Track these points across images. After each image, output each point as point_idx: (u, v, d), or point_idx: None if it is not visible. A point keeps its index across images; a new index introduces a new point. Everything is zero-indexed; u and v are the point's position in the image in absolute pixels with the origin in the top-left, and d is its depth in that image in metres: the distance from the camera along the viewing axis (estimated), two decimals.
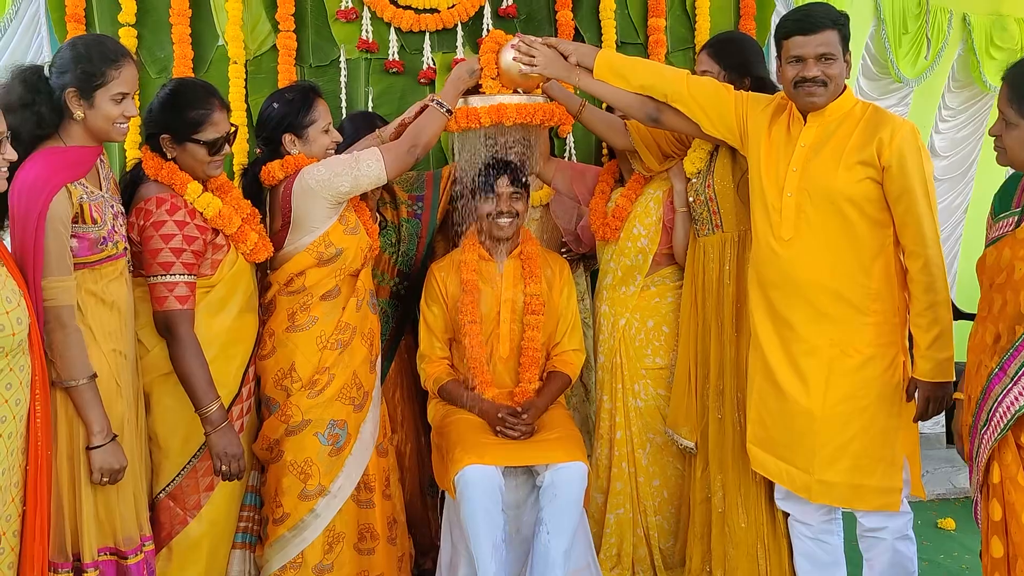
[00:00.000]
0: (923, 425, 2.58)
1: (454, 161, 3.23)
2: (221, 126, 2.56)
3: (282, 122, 2.76)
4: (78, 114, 2.30)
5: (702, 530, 3.07)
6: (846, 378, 2.56)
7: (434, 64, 3.59)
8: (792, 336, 2.61)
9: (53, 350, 2.18)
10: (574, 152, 3.71)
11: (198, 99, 2.53)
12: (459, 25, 3.59)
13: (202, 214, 2.53)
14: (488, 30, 3.55)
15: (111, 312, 2.35)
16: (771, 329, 2.66)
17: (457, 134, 2.93)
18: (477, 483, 2.73)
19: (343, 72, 3.54)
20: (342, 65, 3.54)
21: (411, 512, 3.21)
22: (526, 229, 3.21)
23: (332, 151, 2.82)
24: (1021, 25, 4.72)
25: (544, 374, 3.13)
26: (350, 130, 3.16)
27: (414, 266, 3.30)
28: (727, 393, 2.95)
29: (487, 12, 3.61)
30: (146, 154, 2.55)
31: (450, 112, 2.81)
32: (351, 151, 2.83)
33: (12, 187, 2.17)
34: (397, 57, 3.56)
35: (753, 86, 2.89)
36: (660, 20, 3.70)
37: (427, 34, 3.58)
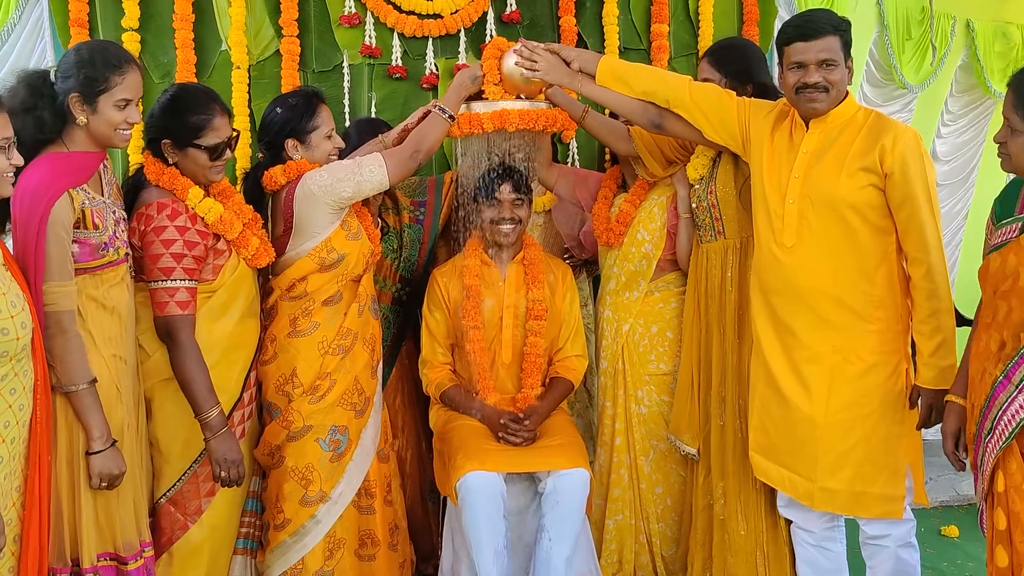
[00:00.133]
0: (927, 432, 2.57)
1: (456, 167, 3.24)
2: (222, 131, 2.55)
3: (285, 127, 2.76)
4: (81, 119, 2.30)
5: (704, 537, 3.06)
6: (849, 385, 2.55)
7: (437, 70, 3.58)
8: (794, 343, 2.61)
9: (53, 355, 2.18)
10: (577, 158, 3.70)
11: (199, 104, 2.53)
12: (462, 31, 3.59)
13: (203, 219, 2.53)
14: (491, 36, 3.55)
15: (111, 317, 2.35)
16: (773, 336, 2.65)
17: (460, 140, 2.94)
18: (479, 490, 2.73)
19: (346, 77, 3.54)
20: (345, 70, 3.54)
21: (412, 518, 3.21)
22: (528, 234, 3.20)
23: (335, 157, 2.82)
24: (1022, 31, 4.71)
25: (547, 380, 3.13)
26: (355, 136, 3.16)
27: (416, 272, 3.30)
28: (729, 400, 2.94)
29: (490, 18, 3.61)
30: (148, 159, 2.55)
31: (453, 118, 2.80)
32: (353, 156, 2.83)
33: (14, 191, 2.16)
34: (400, 62, 3.56)
35: (756, 93, 2.87)
36: (663, 26, 3.69)
37: (430, 39, 3.57)
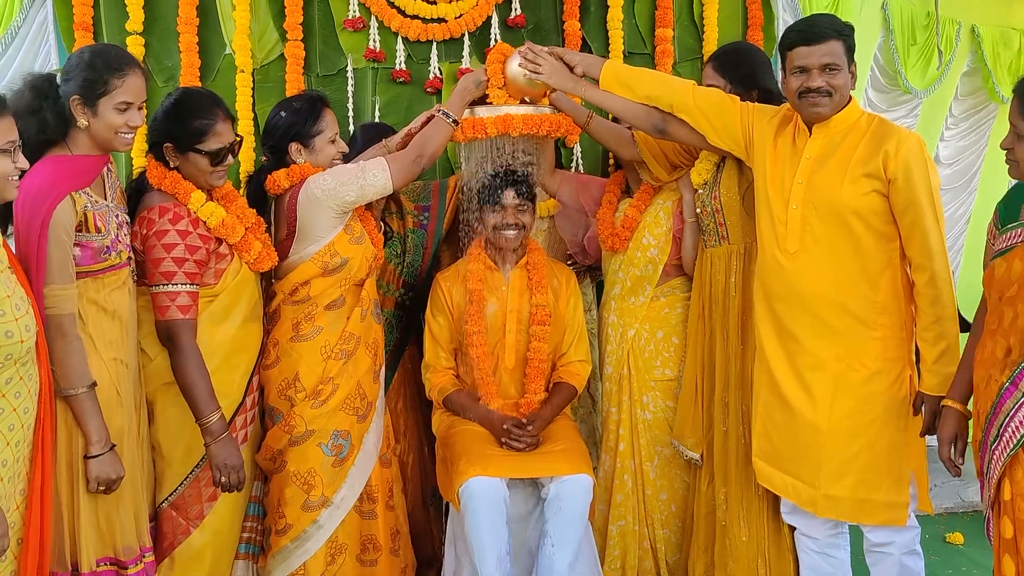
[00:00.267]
0: (931, 438, 2.56)
1: (460, 171, 3.23)
2: (224, 136, 2.55)
3: (289, 131, 2.76)
4: (82, 122, 2.30)
5: (706, 543, 3.05)
6: (852, 392, 2.54)
7: (441, 74, 3.59)
8: (798, 349, 2.60)
9: (53, 358, 2.18)
10: (581, 163, 3.70)
11: (202, 109, 2.53)
12: (466, 35, 3.59)
13: (205, 223, 2.53)
14: (495, 40, 3.55)
15: (112, 321, 2.35)
16: (776, 342, 2.64)
17: (463, 144, 2.93)
18: (482, 495, 2.72)
19: (350, 81, 3.54)
20: (349, 74, 3.54)
21: (413, 523, 3.19)
22: (532, 239, 3.19)
23: (338, 161, 2.82)
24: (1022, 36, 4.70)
25: (550, 385, 3.12)
26: (361, 141, 3.16)
27: (419, 277, 3.29)
28: (732, 405, 2.93)
29: (495, 22, 3.61)
30: (150, 163, 2.55)
31: (456, 122, 2.80)
32: (357, 161, 2.83)
33: (17, 193, 2.16)
34: (404, 67, 3.56)
35: (761, 98, 2.86)
36: (668, 30, 3.68)
37: (434, 44, 3.58)
